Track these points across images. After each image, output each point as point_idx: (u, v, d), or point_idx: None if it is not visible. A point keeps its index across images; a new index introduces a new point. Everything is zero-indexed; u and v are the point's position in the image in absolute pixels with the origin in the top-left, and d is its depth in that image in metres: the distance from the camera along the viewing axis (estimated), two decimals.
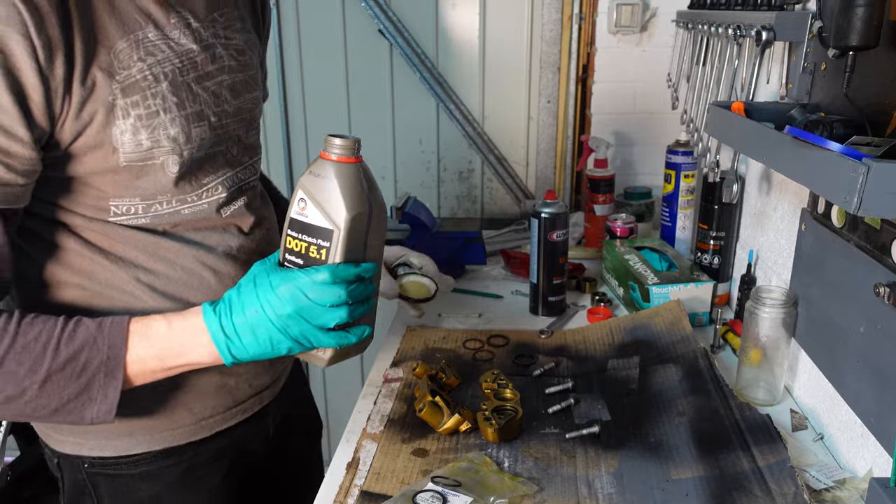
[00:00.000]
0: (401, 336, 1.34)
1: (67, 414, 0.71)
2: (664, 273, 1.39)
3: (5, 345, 0.66)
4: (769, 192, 1.26)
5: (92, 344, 0.69)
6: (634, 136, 1.96)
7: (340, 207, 0.72)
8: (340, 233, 0.73)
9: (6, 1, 0.60)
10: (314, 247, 0.73)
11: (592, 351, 1.26)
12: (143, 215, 0.77)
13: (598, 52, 1.89)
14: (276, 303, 0.71)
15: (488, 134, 2.06)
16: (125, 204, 0.75)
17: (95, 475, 0.86)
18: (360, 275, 0.74)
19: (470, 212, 2.15)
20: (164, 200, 0.77)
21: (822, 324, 1.01)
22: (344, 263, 0.73)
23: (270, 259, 0.76)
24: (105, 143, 0.71)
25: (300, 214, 0.74)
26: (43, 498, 1.69)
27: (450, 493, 0.87)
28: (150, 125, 0.73)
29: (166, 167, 0.75)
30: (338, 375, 2.43)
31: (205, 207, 0.80)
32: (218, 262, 0.83)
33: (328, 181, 0.73)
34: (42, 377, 0.67)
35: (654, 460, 0.94)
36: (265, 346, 0.72)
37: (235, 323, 0.72)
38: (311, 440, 1.20)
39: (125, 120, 0.71)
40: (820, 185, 0.73)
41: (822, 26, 1.00)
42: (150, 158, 0.74)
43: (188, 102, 0.76)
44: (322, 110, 2.07)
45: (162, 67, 0.74)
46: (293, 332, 0.72)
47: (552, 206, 1.36)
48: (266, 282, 0.72)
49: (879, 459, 0.87)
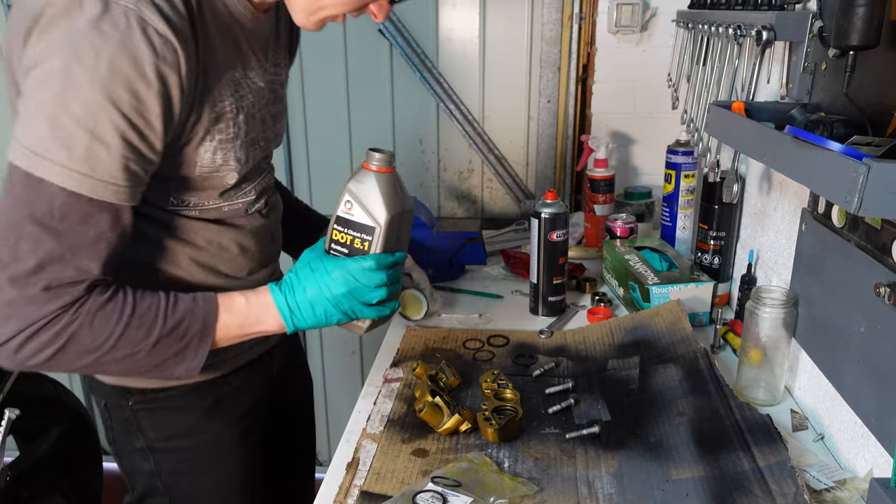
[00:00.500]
0: (401, 336, 1.34)
1: (163, 370, 0.86)
2: (664, 273, 1.39)
3: (128, 313, 0.81)
4: (769, 192, 1.26)
5: (191, 314, 0.85)
6: (634, 136, 1.96)
7: (381, 209, 0.90)
8: (381, 229, 0.91)
9: (166, 41, 0.74)
10: (358, 239, 0.92)
11: (592, 351, 1.26)
12: (193, 208, 0.92)
13: (599, 52, 1.89)
14: (331, 284, 0.90)
15: (488, 134, 2.05)
16: (182, 199, 0.91)
17: (139, 411, 1.00)
18: (395, 262, 0.94)
19: (470, 212, 2.15)
20: (213, 201, 0.94)
21: (823, 324, 1.01)
22: (384, 253, 0.92)
23: (318, 248, 0.95)
24: (191, 159, 0.86)
25: (347, 214, 0.92)
26: (43, 498, 1.69)
27: (450, 493, 0.87)
28: (225, 148, 0.89)
29: (225, 180, 0.92)
30: (338, 375, 2.43)
31: (239, 206, 0.98)
32: (244, 239, 1.00)
33: (370, 187, 0.91)
34: (154, 340, 0.82)
35: (655, 460, 0.94)
36: (320, 318, 0.91)
37: (298, 300, 0.90)
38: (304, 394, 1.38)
39: (210, 142, 0.87)
40: (820, 184, 0.73)
41: (822, 26, 1.00)
42: (216, 172, 0.90)
43: (251, 130, 0.93)
44: (322, 110, 2.07)
45: (241, 102, 0.90)
46: (344, 307, 0.91)
47: (552, 206, 1.36)
48: (322, 267, 0.90)
49: (880, 460, 0.87)
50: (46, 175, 0.73)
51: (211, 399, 1.03)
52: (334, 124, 2.07)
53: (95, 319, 0.79)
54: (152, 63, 0.73)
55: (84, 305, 0.78)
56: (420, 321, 1.38)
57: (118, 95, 0.72)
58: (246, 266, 1.00)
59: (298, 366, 1.34)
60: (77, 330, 0.78)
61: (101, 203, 0.76)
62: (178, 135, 0.83)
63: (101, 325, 0.79)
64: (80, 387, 2.48)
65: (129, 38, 0.71)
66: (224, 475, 1.09)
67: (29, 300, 0.75)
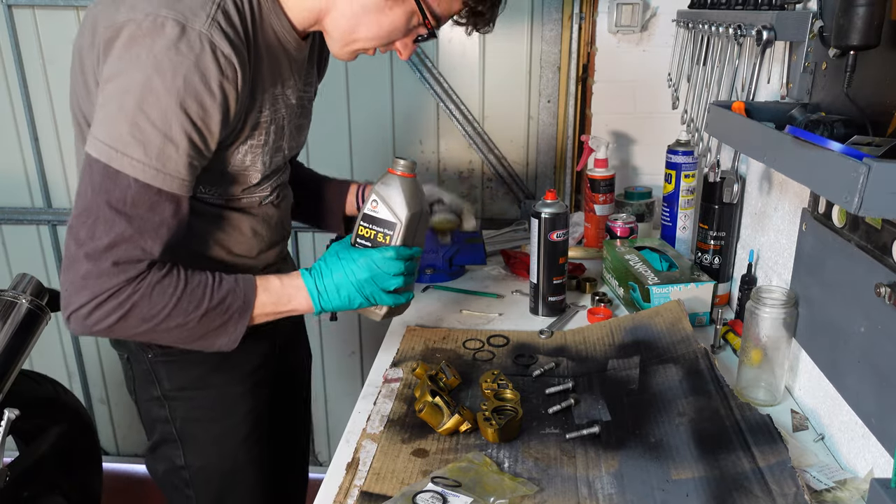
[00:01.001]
0: (401, 336, 1.34)
1: (207, 340, 0.98)
2: (664, 273, 1.39)
3: (181, 288, 0.93)
4: (770, 192, 1.26)
5: (233, 292, 0.98)
6: (634, 136, 1.96)
7: (403, 208, 1.04)
8: (402, 225, 1.04)
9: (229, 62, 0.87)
10: (381, 234, 1.05)
11: (592, 351, 1.26)
12: (218, 199, 1.05)
13: (599, 52, 1.89)
14: (356, 269, 1.03)
15: (488, 134, 2.05)
16: (211, 190, 1.03)
17: (157, 363, 1.13)
18: (413, 255, 1.07)
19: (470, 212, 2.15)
20: (236, 194, 1.06)
21: (823, 324, 1.01)
22: (403, 246, 1.05)
23: (345, 241, 1.09)
24: (226, 158, 1.00)
25: (373, 211, 1.06)
26: (43, 498, 1.69)
27: (450, 493, 0.87)
28: (255, 152, 1.02)
29: (249, 179, 1.04)
30: (338, 375, 2.43)
31: (255, 199, 1.09)
32: (258, 225, 1.11)
33: (394, 189, 1.05)
34: (202, 313, 0.95)
35: (655, 461, 0.94)
36: (345, 301, 1.03)
37: (325, 283, 1.03)
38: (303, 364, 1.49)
39: (244, 146, 1.00)
40: (821, 184, 0.73)
41: (822, 26, 1.00)
42: (243, 171, 1.03)
43: (278, 140, 1.06)
44: (322, 110, 2.05)
45: (275, 115, 1.03)
46: (366, 292, 1.03)
47: (552, 206, 1.36)
48: (348, 256, 1.04)
49: (880, 460, 0.87)
50: (123, 168, 0.86)
51: (221, 355, 1.13)
52: (334, 124, 2.07)
53: (154, 292, 0.91)
54: (218, 80, 0.87)
55: (145, 280, 0.91)
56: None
57: (189, 105, 0.86)
58: (256, 247, 1.12)
59: (299, 338, 1.47)
60: (138, 300, 0.90)
61: (168, 194, 0.89)
62: (224, 138, 0.95)
63: (158, 297, 0.92)
64: (79, 387, 2.48)
65: (201, 58, 0.85)
66: (232, 424, 1.20)
67: (101, 273, 0.88)
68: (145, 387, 1.17)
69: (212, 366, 1.15)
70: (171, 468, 1.20)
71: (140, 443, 2.56)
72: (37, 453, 1.68)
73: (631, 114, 1.93)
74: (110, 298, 0.89)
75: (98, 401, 2.53)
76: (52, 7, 2.00)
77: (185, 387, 1.16)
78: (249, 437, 1.22)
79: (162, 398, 1.16)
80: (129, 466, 2.56)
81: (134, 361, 1.16)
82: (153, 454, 1.22)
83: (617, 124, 1.95)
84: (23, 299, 1.50)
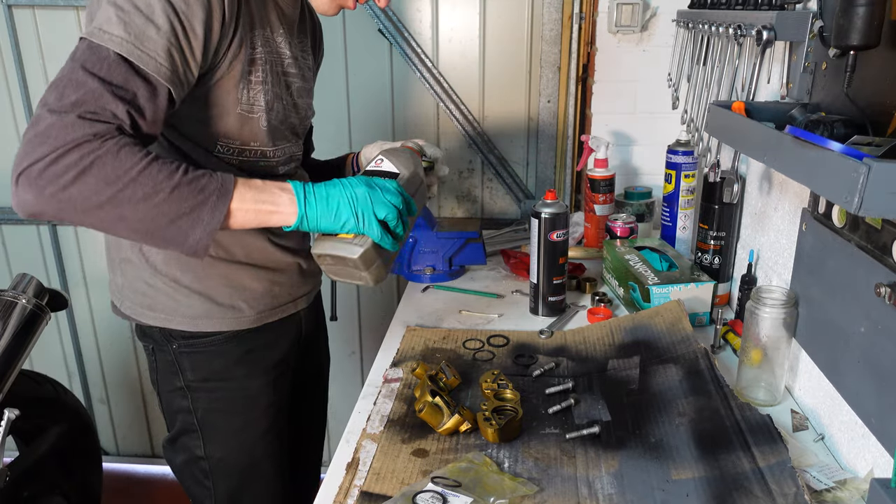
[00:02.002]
0: (401, 336, 1.34)
1: (177, 230, 0.89)
2: (664, 273, 1.39)
3: (151, 157, 0.87)
4: (770, 192, 1.26)
5: (210, 175, 0.91)
6: (634, 136, 1.96)
7: (408, 164, 1.09)
8: (405, 175, 1.07)
9: None
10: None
11: (592, 351, 1.26)
12: (235, 158, 1.07)
13: (599, 52, 1.89)
14: (353, 183, 0.99)
15: (488, 134, 2.05)
16: (227, 145, 1.06)
17: (181, 353, 1.15)
18: (408, 202, 1.03)
19: (470, 212, 2.15)
20: (251, 151, 1.08)
21: (823, 324, 1.01)
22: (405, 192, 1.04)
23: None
24: (232, 93, 1.02)
25: (375, 167, 1.08)
26: (43, 498, 1.69)
27: (450, 493, 0.87)
28: (255, 89, 1.04)
29: (260, 123, 1.07)
30: (338, 375, 2.43)
31: (273, 163, 1.13)
32: None
33: (400, 152, 1.11)
34: (173, 184, 0.87)
35: (655, 461, 0.94)
36: (332, 209, 0.96)
37: (315, 188, 0.97)
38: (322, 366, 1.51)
39: (246, 81, 1.02)
40: (821, 184, 0.73)
41: (822, 26, 1.00)
42: (251, 112, 1.05)
43: (275, 85, 1.09)
44: (322, 109, 2.06)
45: (269, 56, 1.07)
46: (357, 207, 0.97)
47: (552, 206, 1.36)
48: (346, 179, 1.00)
49: (880, 460, 0.87)
50: (104, 42, 0.87)
51: (244, 348, 1.18)
52: (334, 124, 2.07)
53: (121, 152, 0.85)
54: None
55: (112, 139, 0.85)
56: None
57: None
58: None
59: (320, 340, 1.48)
60: (102, 155, 0.83)
61: (144, 73, 0.88)
62: (222, 60, 0.98)
63: (125, 157, 0.85)
64: (79, 387, 2.48)
65: None
66: (253, 418, 1.21)
67: (64, 125, 0.83)
68: (168, 377, 1.18)
69: (234, 359, 1.17)
70: (190, 458, 1.22)
71: (140, 443, 2.56)
72: (37, 453, 1.68)
73: (631, 114, 1.93)
74: (72, 151, 0.82)
75: (98, 401, 2.53)
76: (52, 7, 2.00)
77: (208, 378, 1.17)
78: (269, 431, 1.24)
79: (185, 389, 1.17)
80: (129, 466, 2.55)
81: (158, 352, 1.17)
82: (173, 445, 1.24)
83: (617, 124, 1.95)
84: (23, 299, 1.50)
